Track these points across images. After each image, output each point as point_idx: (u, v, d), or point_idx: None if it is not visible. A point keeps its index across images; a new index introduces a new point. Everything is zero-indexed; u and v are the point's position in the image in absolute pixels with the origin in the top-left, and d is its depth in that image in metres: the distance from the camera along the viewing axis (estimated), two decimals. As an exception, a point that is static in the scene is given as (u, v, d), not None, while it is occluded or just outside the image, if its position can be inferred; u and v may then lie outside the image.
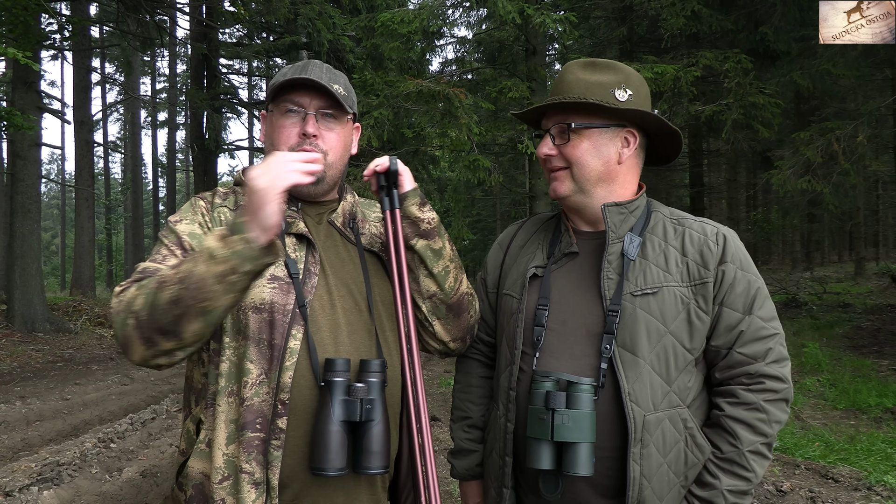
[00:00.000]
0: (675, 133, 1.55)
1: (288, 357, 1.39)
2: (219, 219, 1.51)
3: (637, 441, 1.38)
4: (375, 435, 1.38)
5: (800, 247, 24.05)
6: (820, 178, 8.12)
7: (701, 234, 1.49)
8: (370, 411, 1.37)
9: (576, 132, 1.49)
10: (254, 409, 1.37)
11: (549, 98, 1.53)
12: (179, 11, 16.20)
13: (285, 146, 1.50)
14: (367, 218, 1.67)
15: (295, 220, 1.52)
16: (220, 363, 1.41)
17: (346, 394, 1.37)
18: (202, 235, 1.46)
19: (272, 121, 1.55)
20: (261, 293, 1.42)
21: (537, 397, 1.40)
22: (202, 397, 1.45)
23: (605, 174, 1.51)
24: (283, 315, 1.41)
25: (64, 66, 38.39)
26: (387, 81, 8.47)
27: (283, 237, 1.47)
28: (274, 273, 1.44)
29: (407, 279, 1.53)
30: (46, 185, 46.01)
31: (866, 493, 4.16)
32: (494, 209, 24.46)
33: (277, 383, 1.38)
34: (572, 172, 1.51)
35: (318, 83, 1.48)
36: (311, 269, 1.48)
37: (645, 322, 1.42)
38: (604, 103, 1.45)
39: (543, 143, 1.53)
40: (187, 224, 1.49)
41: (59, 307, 13.17)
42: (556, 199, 1.56)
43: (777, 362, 1.45)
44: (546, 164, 1.55)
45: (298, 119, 1.51)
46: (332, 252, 1.55)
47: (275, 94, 1.52)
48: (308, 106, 1.51)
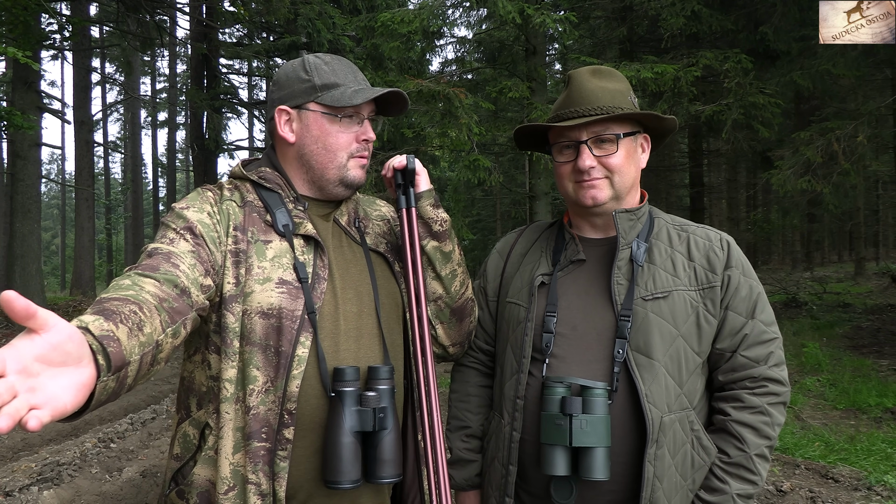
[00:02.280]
0: (670, 132, 1.61)
1: (296, 365, 1.35)
2: (227, 212, 1.44)
3: (653, 442, 1.39)
4: (388, 443, 1.36)
5: (800, 247, 24.03)
6: (820, 178, 8.11)
7: (706, 240, 1.53)
8: (383, 420, 1.35)
9: (622, 141, 1.51)
10: (259, 417, 1.34)
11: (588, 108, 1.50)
12: (179, 11, 16.20)
13: (345, 151, 1.50)
14: (369, 216, 1.64)
15: (302, 220, 1.48)
16: (229, 368, 1.36)
17: (357, 403, 1.34)
18: (210, 227, 1.40)
19: (326, 124, 1.49)
20: (269, 298, 1.37)
21: (551, 403, 1.40)
22: (209, 401, 1.40)
23: (635, 180, 1.56)
24: (291, 321, 1.37)
25: (64, 66, 38.43)
26: (387, 81, 8.46)
27: (292, 238, 1.44)
28: (282, 277, 1.40)
29: (422, 278, 1.53)
30: (46, 185, 46.04)
31: (866, 493, 4.16)
32: (494, 209, 24.45)
33: (284, 392, 1.34)
34: (613, 180, 1.51)
35: (401, 94, 1.51)
36: (319, 273, 1.43)
37: (658, 325, 1.44)
38: (650, 112, 1.52)
39: (586, 157, 1.49)
40: (195, 212, 1.41)
41: (59, 307, 13.16)
42: (592, 206, 1.53)
43: (777, 366, 1.48)
44: (584, 174, 1.51)
45: (354, 123, 1.50)
46: (339, 253, 1.52)
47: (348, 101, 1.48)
48: (363, 110, 1.51)
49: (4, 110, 9.42)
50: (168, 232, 1.37)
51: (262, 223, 1.46)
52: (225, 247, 1.40)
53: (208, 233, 1.38)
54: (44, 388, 0.75)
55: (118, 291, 1.12)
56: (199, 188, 1.53)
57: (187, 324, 1.23)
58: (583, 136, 1.50)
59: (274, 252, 1.42)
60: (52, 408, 0.75)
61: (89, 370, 0.84)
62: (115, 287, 1.15)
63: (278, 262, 1.41)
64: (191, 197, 1.48)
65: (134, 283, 1.18)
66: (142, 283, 1.18)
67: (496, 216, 24.54)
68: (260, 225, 1.45)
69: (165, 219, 1.42)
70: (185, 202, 1.45)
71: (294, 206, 1.50)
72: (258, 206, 1.49)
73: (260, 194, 1.50)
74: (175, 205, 1.45)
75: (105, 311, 1.00)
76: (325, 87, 1.48)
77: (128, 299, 1.08)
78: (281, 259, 1.42)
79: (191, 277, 1.27)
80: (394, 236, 1.65)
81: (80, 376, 0.82)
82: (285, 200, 1.50)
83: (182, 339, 1.22)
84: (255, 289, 1.38)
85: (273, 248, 1.43)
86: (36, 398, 0.73)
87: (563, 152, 1.55)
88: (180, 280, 1.24)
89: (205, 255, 1.35)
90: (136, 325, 1.03)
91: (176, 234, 1.36)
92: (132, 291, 1.13)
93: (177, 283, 1.23)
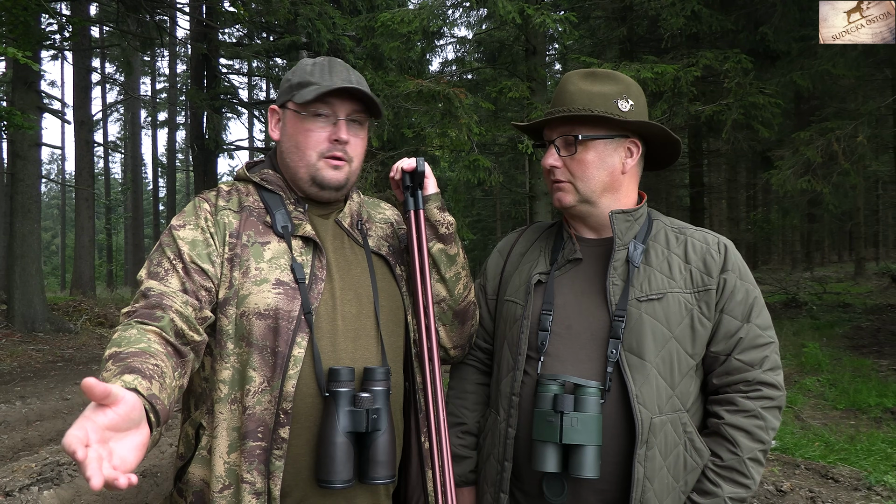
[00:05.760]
0: (675, 141, 1.58)
1: (291, 365, 1.36)
2: (222, 222, 1.45)
3: (643, 443, 1.40)
4: (382, 444, 1.36)
5: (800, 247, 24.04)
6: (820, 178, 8.11)
7: (703, 243, 1.53)
8: (376, 421, 1.35)
9: (582, 143, 1.51)
10: (256, 417, 1.35)
11: (554, 109, 1.53)
12: (179, 11, 16.20)
13: (314, 150, 1.47)
14: (372, 219, 1.64)
15: (302, 221, 1.49)
16: (224, 370, 1.38)
17: (351, 404, 1.35)
18: (203, 244, 1.41)
19: (297, 122, 1.49)
20: (265, 299, 1.38)
21: (544, 400, 1.41)
22: (202, 401, 1.42)
23: (609, 184, 1.53)
24: (287, 322, 1.38)
25: (64, 66, 38.44)
26: (387, 81, 8.47)
27: (290, 239, 1.45)
28: (279, 278, 1.41)
29: (429, 280, 1.52)
30: (46, 185, 46.02)
31: (866, 493, 4.16)
32: (494, 209, 24.46)
33: (280, 392, 1.35)
34: (576, 184, 1.52)
35: (359, 90, 1.46)
36: (317, 273, 1.44)
37: (651, 327, 1.44)
38: (610, 115, 1.48)
39: (549, 155, 1.54)
40: (190, 230, 1.43)
41: (59, 307, 13.16)
42: (561, 208, 1.58)
43: (772, 370, 1.48)
44: (550, 175, 1.55)
45: (328, 123, 1.48)
46: (339, 254, 1.51)
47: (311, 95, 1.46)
48: (339, 111, 1.48)
49: (4, 110, 9.42)
50: (163, 261, 1.39)
51: (260, 225, 1.47)
52: (221, 257, 1.42)
53: (200, 252, 1.40)
54: (116, 451, 0.90)
55: (132, 345, 1.19)
56: (196, 198, 1.54)
57: (187, 364, 1.29)
58: (553, 135, 1.53)
59: (272, 253, 1.43)
60: (124, 468, 0.89)
61: (146, 430, 0.98)
62: (125, 340, 1.20)
63: (276, 262, 1.42)
64: (187, 211, 1.49)
65: (141, 334, 1.23)
66: (148, 335, 1.24)
67: (496, 216, 24.56)
68: (258, 227, 1.46)
69: (163, 239, 1.44)
70: (181, 218, 1.47)
71: (295, 207, 1.50)
72: (258, 207, 1.50)
73: (262, 196, 1.51)
74: (173, 221, 1.47)
75: (134, 369, 1.11)
76: (299, 86, 1.48)
77: (145, 353, 1.17)
78: (279, 260, 1.42)
79: (183, 316, 1.30)
80: (396, 239, 1.64)
81: (141, 437, 0.96)
82: (286, 202, 1.50)
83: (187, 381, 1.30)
84: (252, 290, 1.39)
85: (271, 250, 1.44)
86: (114, 461, 0.87)
87: (545, 152, 1.58)
88: (175, 324, 1.29)
89: (198, 281, 1.37)
90: (160, 376, 1.14)
91: (169, 264, 1.38)
92: (144, 344, 1.20)
93: (173, 327, 1.28)
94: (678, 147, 1.61)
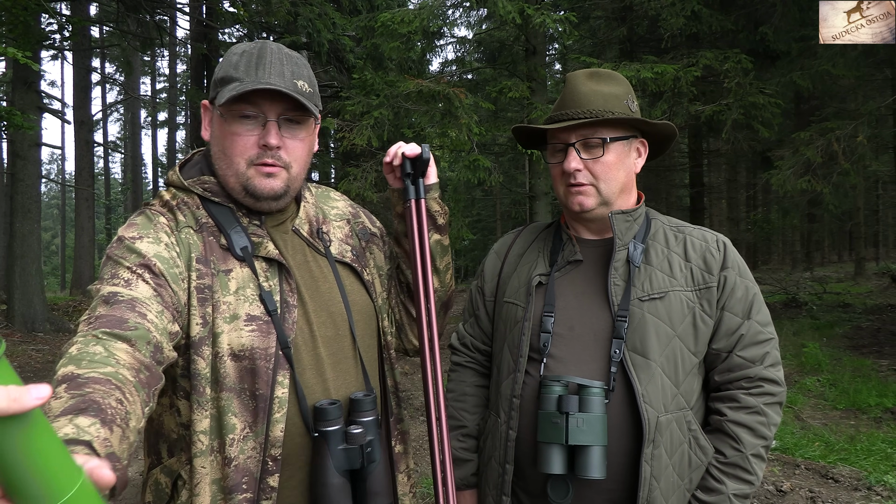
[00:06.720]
0: (672, 137, 1.61)
1: (276, 409, 1.23)
2: (186, 242, 1.26)
3: (650, 442, 1.40)
4: (378, 476, 1.29)
5: (800, 247, 24.01)
6: (820, 178, 8.11)
7: (702, 241, 1.54)
8: (371, 454, 1.27)
9: (607, 145, 1.50)
10: (240, 467, 1.21)
11: (572, 112, 1.50)
12: (179, 11, 16.19)
13: (242, 158, 1.27)
14: (328, 218, 1.49)
15: (262, 239, 1.31)
16: (203, 419, 1.21)
17: (343, 441, 1.25)
18: (169, 262, 1.21)
19: (221, 124, 1.29)
20: (238, 338, 1.23)
21: (548, 402, 1.40)
22: (178, 449, 1.26)
23: (626, 185, 1.55)
24: (265, 361, 1.23)
25: (64, 66, 38.42)
26: (387, 81, 8.47)
27: (253, 263, 1.28)
28: (250, 312, 1.25)
29: (430, 273, 1.45)
30: (46, 185, 46.00)
31: (866, 493, 4.16)
32: (494, 209, 24.45)
33: (266, 438, 1.22)
34: (599, 186, 1.51)
35: (283, 91, 1.23)
36: (287, 299, 1.29)
37: (654, 326, 1.45)
38: (638, 117, 1.51)
39: (571, 158, 1.50)
40: (151, 243, 1.22)
41: (59, 307, 13.17)
42: (580, 212, 1.54)
43: (773, 366, 1.49)
44: (570, 177, 1.52)
45: (257, 125, 1.27)
46: (304, 271, 1.36)
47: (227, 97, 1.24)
48: (268, 111, 1.26)
49: (4, 110, 9.41)
50: (120, 270, 1.17)
51: (218, 248, 1.28)
52: (187, 283, 1.23)
53: (168, 269, 1.20)
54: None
55: (94, 368, 0.96)
56: (145, 210, 1.31)
57: (156, 393, 1.07)
58: (571, 138, 1.51)
59: (237, 283, 1.26)
60: None
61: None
62: (87, 359, 0.98)
63: (242, 294, 1.26)
64: (140, 223, 1.26)
65: (108, 352, 1.01)
66: (116, 353, 1.02)
67: (496, 216, 24.54)
68: (217, 251, 1.28)
69: (113, 252, 1.21)
70: (134, 230, 1.25)
71: (250, 221, 1.32)
72: (210, 225, 1.30)
73: (209, 210, 1.31)
74: (123, 233, 1.25)
75: (92, 406, 0.87)
76: (222, 82, 1.28)
77: (110, 381, 0.94)
78: (245, 290, 1.26)
79: (160, 327, 1.12)
80: (356, 238, 1.51)
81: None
82: (238, 215, 1.32)
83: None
84: (223, 329, 1.23)
85: (235, 279, 1.27)
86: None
87: (555, 154, 1.56)
88: (152, 335, 1.09)
89: (168, 297, 1.18)
90: (124, 420, 0.91)
91: (132, 273, 1.16)
92: (110, 368, 0.97)
93: (149, 340, 1.08)
94: (667, 147, 1.65)
